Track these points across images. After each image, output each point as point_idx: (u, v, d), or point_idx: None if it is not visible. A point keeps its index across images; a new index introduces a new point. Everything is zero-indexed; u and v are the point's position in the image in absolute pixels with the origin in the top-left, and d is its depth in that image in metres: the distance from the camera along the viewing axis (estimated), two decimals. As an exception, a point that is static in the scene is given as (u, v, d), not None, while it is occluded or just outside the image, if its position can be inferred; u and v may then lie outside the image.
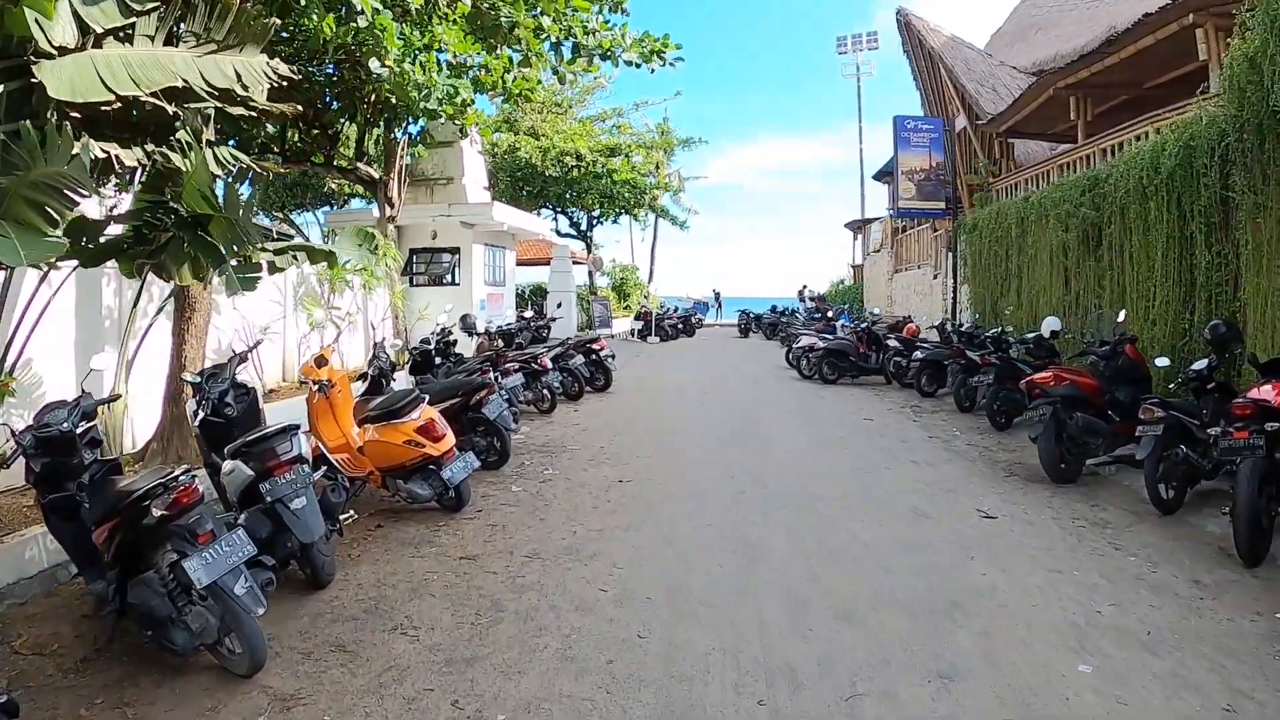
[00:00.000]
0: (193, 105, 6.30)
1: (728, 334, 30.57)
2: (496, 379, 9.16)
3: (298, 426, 4.83)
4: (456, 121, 11.95)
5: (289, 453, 4.62)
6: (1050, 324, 10.41)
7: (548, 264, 26.72)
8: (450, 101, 11.95)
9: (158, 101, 5.96)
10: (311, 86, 13.73)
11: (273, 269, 7.45)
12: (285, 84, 6.85)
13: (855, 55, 37.81)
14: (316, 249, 7.74)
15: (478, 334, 11.80)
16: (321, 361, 6.88)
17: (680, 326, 27.20)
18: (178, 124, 6.63)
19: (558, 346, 11.71)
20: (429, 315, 15.11)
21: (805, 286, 36.60)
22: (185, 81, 6.06)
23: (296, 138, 15.18)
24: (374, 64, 9.55)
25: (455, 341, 10.58)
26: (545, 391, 10.61)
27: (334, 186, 24.54)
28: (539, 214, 29.26)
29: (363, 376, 7.90)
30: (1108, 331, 9.19)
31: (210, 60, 6.20)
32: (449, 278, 16.30)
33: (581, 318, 26.88)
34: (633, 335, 26.11)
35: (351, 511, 5.19)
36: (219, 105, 6.41)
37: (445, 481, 5.97)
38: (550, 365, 10.52)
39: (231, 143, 14.74)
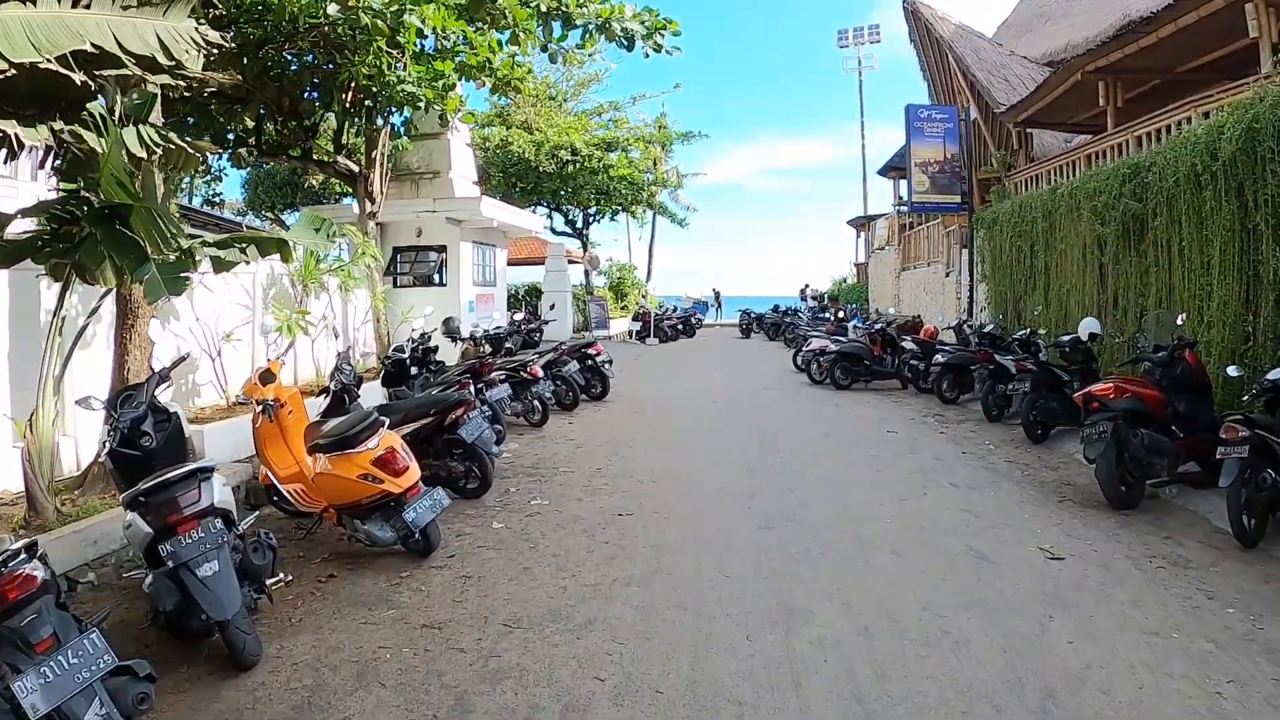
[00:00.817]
0: (107, 73, 5.32)
1: (728, 335, 29.62)
2: (480, 391, 8.20)
3: (211, 468, 3.85)
4: (437, 106, 10.97)
5: (195, 504, 3.64)
6: (1088, 326, 9.50)
7: (543, 263, 25.74)
8: (430, 84, 11.00)
9: (63, 70, 4.97)
10: (284, 73, 12.82)
11: (218, 266, 6.52)
12: (217, 51, 5.87)
13: (856, 49, 36.90)
14: (266, 238, 6.78)
15: (462, 339, 10.81)
16: (268, 377, 5.92)
17: (680, 327, 26.24)
18: (99, 98, 5.68)
19: (550, 352, 10.72)
20: (413, 318, 14.13)
21: (808, 285, 35.79)
22: (96, 46, 5.09)
23: (273, 129, 14.24)
24: (332, 8, 8.55)
25: (436, 348, 9.58)
26: (536, 403, 9.63)
27: (315, 183, 23.63)
28: (535, 211, 28.29)
29: (324, 391, 6.92)
30: (1162, 334, 8.25)
31: (127, 23, 5.20)
32: (435, 278, 15.29)
33: (578, 319, 25.92)
34: (631, 336, 25.15)
35: (283, 575, 4.18)
36: (137, 74, 5.42)
37: (408, 524, 4.98)
38: (541, 374, 9.55)
39: (207, 137, 13.82)
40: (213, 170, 20.65)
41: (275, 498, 5.93)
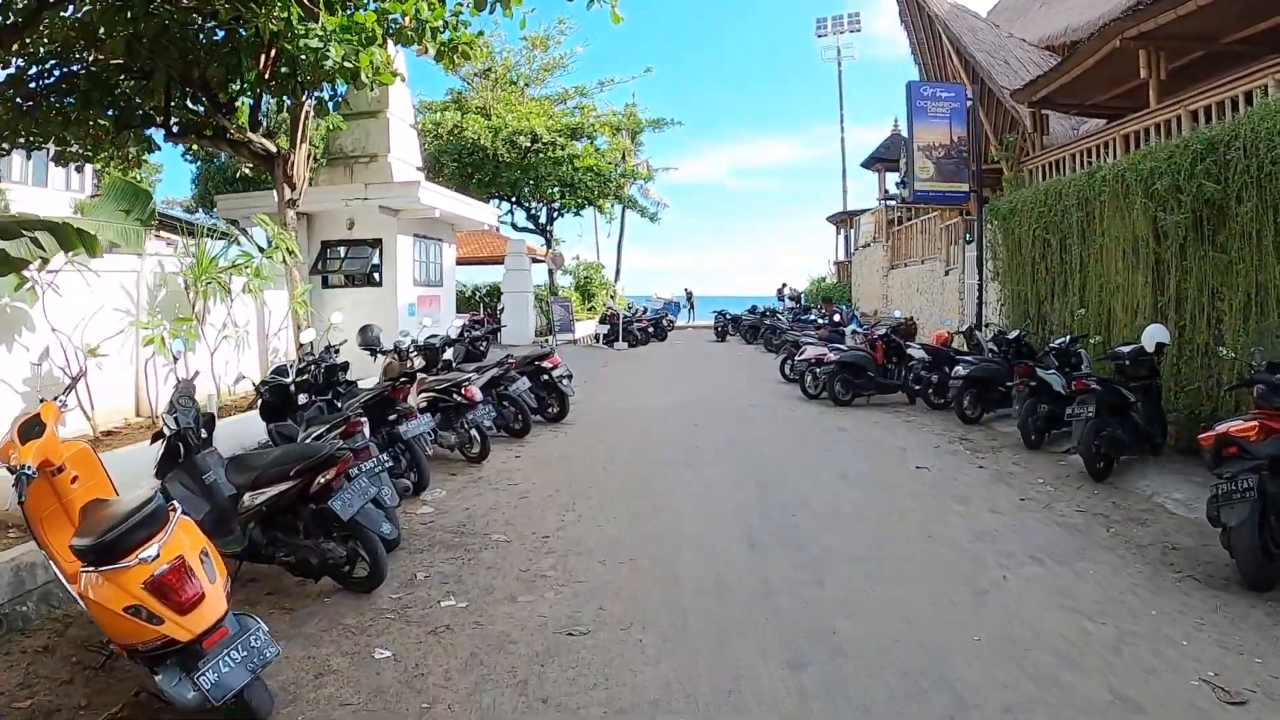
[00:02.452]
0: None
1: (702, 337, 27.70)
2: (394, 423, 6.20)
3: None
4: (348, 63, 8.93)
5: None
6: (1155, 335, 7.74)
7: (503, 262, 23.62)
8: (344, 38, 8.98)
9: None
10: (187, 36, 10.73)
11: (4, 264, 4.56)
12: None
13: (836, 38, 35.28)
14: (61, 225, 4.77)
15: (385, 352, 8.72)
16: (31, 429, 3.86)
17: (651, 330, 24.26)
18: None
19: (494, 368, 8.67)
20: (338, 326, 12.02)
21: (785, 284, 34.12)
22: None
23: (183, 106, 12.11)
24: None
25: (345, 366, 7.53)
26: (473, 433, 7.61)
27: (247, 172, 21.44)
28: (500, 206, 26.14)
29: (157, 436, 4.88)
30: (1277, 350, 6.49)
31: None
32: (370, 277, 13.16)
33: (540, 321, 23.84)
34: (597, 341, 23.12)
35: None
36: None
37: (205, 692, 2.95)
38: (479, 396, 7.52)
39: (111, 112, 11.64)
40: (129, 156, 18.49)
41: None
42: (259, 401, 6.31)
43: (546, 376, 9.54)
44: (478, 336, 10.61)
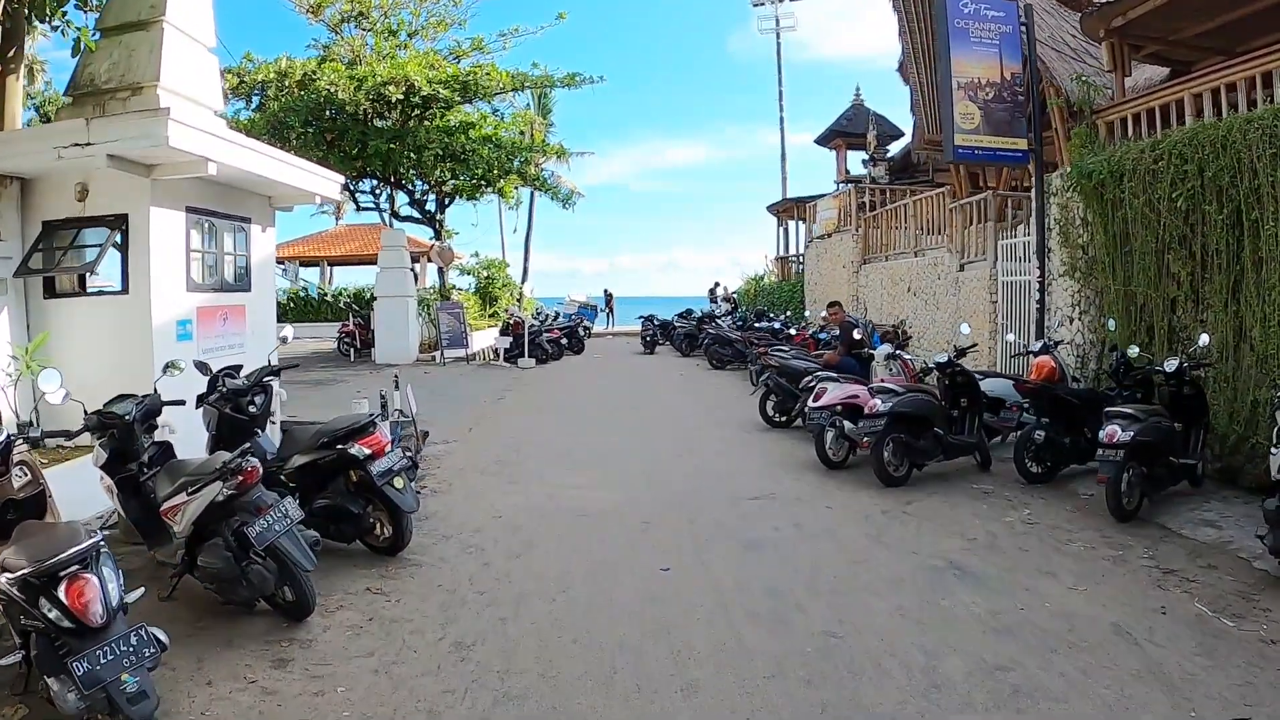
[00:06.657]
0: None
1: (626, 348, 22.98)
2: None
3: None
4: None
5: None
6: None
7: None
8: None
9: None
10: None
11: None
12: None
13: (774, 7, 31.34)
14: None
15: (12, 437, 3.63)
16: None
17: (564, 342, 19.47)
18: None
19: (212, 477, 3.78)
20: (39, 362, 6.89)
21: (718, 284, 30.34)
22: None
23: None
24: None
25: None
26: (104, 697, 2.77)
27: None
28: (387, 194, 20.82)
29: None
30: None
31: None
32: (110, 276, 8.04)
33: (427, 332, 18.82)
34: (497, 357, 18.23)
35: None
36: None
37: None
38: (97, 616, 2.67)
39: None
40: None
41: None
42: None
43: (361, 473, 4.69)
44: (240, 390, 5.37)
